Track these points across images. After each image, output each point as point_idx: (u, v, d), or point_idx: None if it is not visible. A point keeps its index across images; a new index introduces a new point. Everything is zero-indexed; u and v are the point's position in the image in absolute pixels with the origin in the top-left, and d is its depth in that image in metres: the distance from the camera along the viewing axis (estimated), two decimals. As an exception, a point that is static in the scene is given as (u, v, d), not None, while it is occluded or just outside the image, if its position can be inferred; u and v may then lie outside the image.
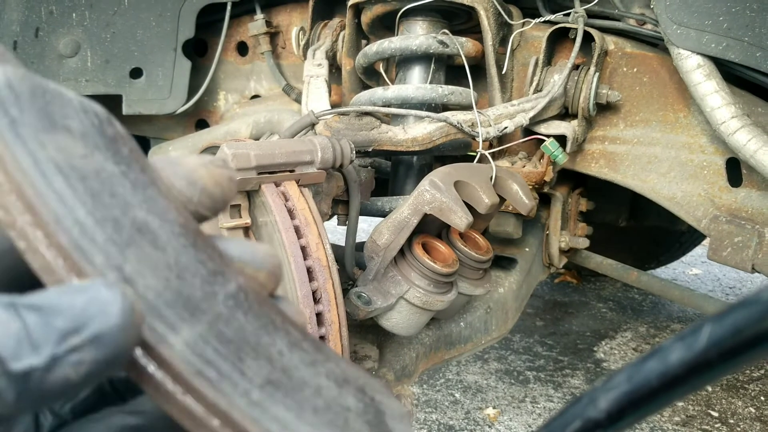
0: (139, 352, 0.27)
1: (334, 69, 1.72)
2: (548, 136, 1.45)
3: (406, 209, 1.09)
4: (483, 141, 1.32)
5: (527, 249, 1.65)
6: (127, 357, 0.26)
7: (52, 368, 0.24)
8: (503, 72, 1.54)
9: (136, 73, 1.86)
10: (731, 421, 2.27)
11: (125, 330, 0.25)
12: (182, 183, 0.34)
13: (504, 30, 1.53)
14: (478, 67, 1.54)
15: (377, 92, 1.45)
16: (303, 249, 0.96)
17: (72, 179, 0.28)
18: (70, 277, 0.27)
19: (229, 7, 1.82)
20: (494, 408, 2.34)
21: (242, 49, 1.99)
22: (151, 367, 0.27)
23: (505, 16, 1.49)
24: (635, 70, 1.48)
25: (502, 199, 1.21)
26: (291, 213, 0.98)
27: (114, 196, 0.30)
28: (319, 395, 0.33)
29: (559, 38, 1.53)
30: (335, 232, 3.83)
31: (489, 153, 1.30)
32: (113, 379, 0.34)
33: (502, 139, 1.45)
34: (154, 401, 0.28)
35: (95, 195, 0.29)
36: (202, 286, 0.31)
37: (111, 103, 1.89)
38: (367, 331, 1.26)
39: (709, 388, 2.47)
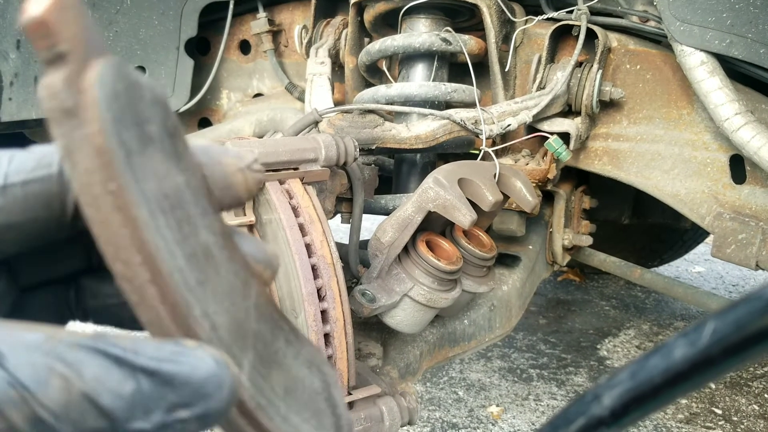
0: None
1: (337, 67, 1.72)
2: (551, 133, 1.45)
3: (409, 207, 1.09)
4: (486, 138, 1.33)
5: (531, 247, 1.65)
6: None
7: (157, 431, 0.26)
8: (506, 69, 1.54)
9: (138, 71, 1.86)
10: (735, 418, 2.27)
11: (230, 402, 0.27)
12: (219, 185, 0.34)
13: (507, 27, 1.53)
14: (481, 64, 1.54)
15: (380, 90, 1.45)
16: (307, 247, 0.96)
17: (168, 216, 0.28)
18: (179, 336, 0.27)
19: (231, 6, 1.82)
20: (498, 406, 2.34)
21: (245, 47, 1.99)
22: (233, 413, 0.29)
23: (508, 14, 1.49)
24: (638, 67, 1.48)
25: (506, 197, 1.21)
26: (295, 211, 0.98)
27: (189, 222, 0.29)
28: (304, 389, 0.36)
29: (562, 35, 1.52)
30: (339, 230, 3.83)
31: (492, 150, 1.30)
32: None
33: (505, 136, 1.45)
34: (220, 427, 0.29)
35: (180, 226, 0.29)
36: (242, 303, 0.31)
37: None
38: (371, 328, 1.27)
39: (713, 386, 2.47)
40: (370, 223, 3.65)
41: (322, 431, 0.35)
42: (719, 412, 2.31)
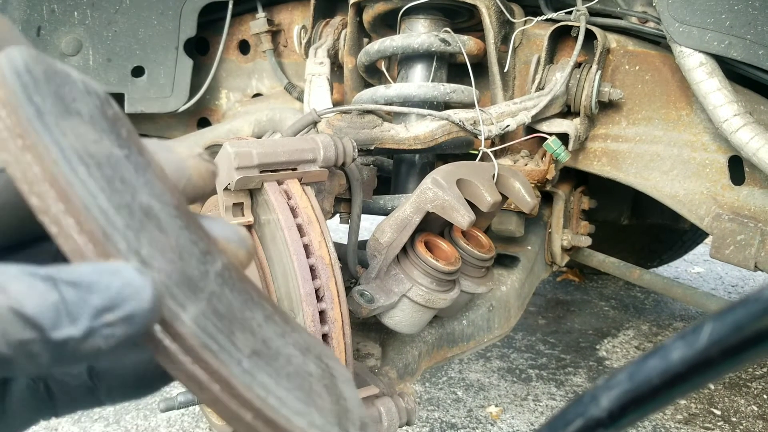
0: (157, 327, 0.30)
1: (336, 67, 1.72)
2: (550, 134, 1.45)
3: (408, 207, 1.09)
4: (485, 139, 1.32)
5: (529, 247, 1.65)
6: (143, 335, 0.29)
7: (87, 339, 0.27)
8: (505, 70, 1.54)
9: (138, 71, 1.86)
10: (734, 419, 2.27)
11: (153, 312, 0.29)
12: (172, 169, 0.37)
13: (506, 28, 1.53)
14: (480, 65, 1.54)
15: (379, 90, 1.45)
16: (306, 247, 0.96)
17: (91, 168, 0.30)
18: (99, 260, 0.29)
19: (230, 6, 1.82)
20: (496, 406, 2.34)
21: (244, 47, 1.99)
22: (167, 341, 0.30)
23: (507, 14, 1.49)
24: (637, 68, 1.48)
25: (505, 198, 1.21)
26: (294, 211, 0.98)
27: (123, 182, 0.32)
28: (289, 363, 0.37)
29: (561, 36, 1.52)
30: (337, 230, 3.83)
31: (491, 151, 1.30)
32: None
33: (504, 137, 1.45)
34: (164, 366, 0.31)
35: (110, 182, 0.31)
36: (198, 266, 0.34)
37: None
38: (369, 329, 1.26)
39: (712, 387, 2.47)
40: (368, 224, 3.65)
41: (313, 410, 0.36)
42: (718, 412, 2.31)
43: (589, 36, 1.44)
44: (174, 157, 0.37)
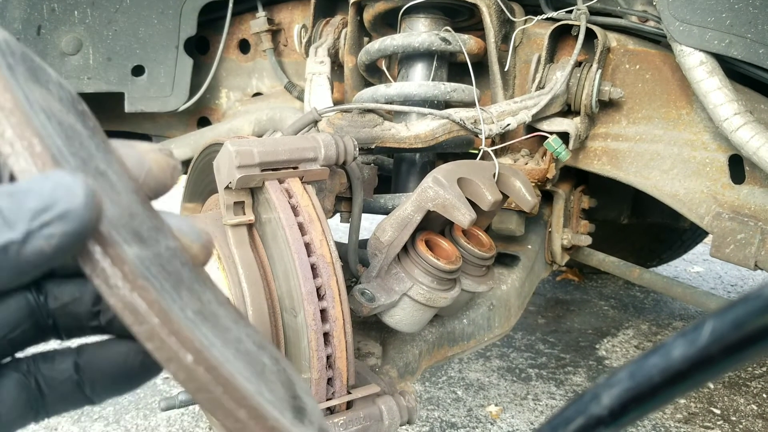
0: (97, 248, 0.31)
1: (337, 66, 1.72)
2: (551, 133, 1.45)
3: (409, 206, 1.09)
4: (486, 138, 1.33)
5: (530, 246, 1.65)
6: (89, 234, 0.30)
7: (28, 241, 0.28)
8: (506, 69, 1.54)
9: (138, 70, 1.86)
10: (733, 418, 2.28)
11: (89, 208, 0.29)
12: (132, 162, 0.38)
13: (506, 27, 1.53)
14: (481, 64, 1.54)
15: (380, 89, 1.45)
16: (307, 246, 0.96)
17: (53, 121, 0.33)
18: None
19: (230, 5, 1.82)
20: (496, 405, 2.34)
21: (244, 46, 1.99)
22: (106, 263, 0.31)
23: (508, 14, 1.49)
24: (638, 67, 1.48)
25: (505, 196, 1.21)
26: (295, 210, 0.98)
27: (82, 146, 0.34)
28: (240, 343, 0.37)
29: (562, 35, 1.53)
30: (338, 229, 3.83)
31: (492, 150, 1.30)
32: (55, 317, 0.38)
33: (504, 136, 1.45)
34: (101, 293, 0.31)
35: (69, 138, 0.34)
36: (149, 231, 0.35)
37: (113, 101, 1.90)
38: (370, 327, 1.27)
39: (711, 386, 2.47)
40: (369, 223, 3.65)
41: (263, 386, 0.35)
42: (718, 411, 2.32)
43: (590, 35, 1.44)
44: (134, 151, 0.39)
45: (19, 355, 0.37)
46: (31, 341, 0.37)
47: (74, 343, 0.39)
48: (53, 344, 0.38)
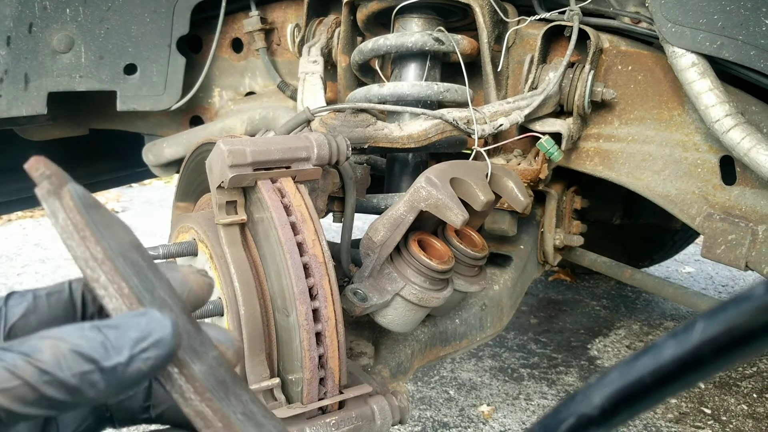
0: (174, 369, 0.41)
1: (330, 66, 1.72)
2: (543, 133, 1.46)
3: (401, 206, 1.09)
4: (478, 138, 1.33)
5: (522, 246, 1.66)
6: (172, 358, 0.40)
7: (130, 364, 0.38)
8: (499, 69, 1.54)
9: (130, 69, 1.85)
10: (724, 418, 2.29)
11: (175, 337, 0.39)
12: (177, 283, 0.48)
13: (499, 27, 1.53)
14: (474, 64, 1.54)
15: (373, 89, 1.45)
16: (299, 245, 0.96)
17: (126, 260, 0.44)
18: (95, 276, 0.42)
19: (224, 4, 1.82)
20: (488, 405, 2.35)
21: (237, 45, 1.98)
22: (182, 380, 0.41)
23: (501, 14, 1.49)
24: (630, 68, 1.48)
25: (498, 197, 1.21)
26: (287, 209, 0.98)
27: (147, 278, 0.44)
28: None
29: (555, 36, 1.53)
30: (330, 229, 3.82)
31: (484, 150, 1.30)
32: (112, 411, 0.49)
33: (497, 136, 1.45)
34: (178, 403, 0.41)
35: (138, 273, 0.44)
36: (201, 346, 0.45)
37: (105, 99, 1.89)
38: (363, 327, 1.27)
39: (702, 386, 2.49)
40: (362, 222, 3.64)
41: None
42: (708, 411, 2.33)
43: (582, 36, 1.45)
44: (178, 274, 0.49)
45: None
46: (92, 431, 0.48)
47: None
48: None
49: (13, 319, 0.44)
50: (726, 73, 1.33)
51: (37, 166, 0.44)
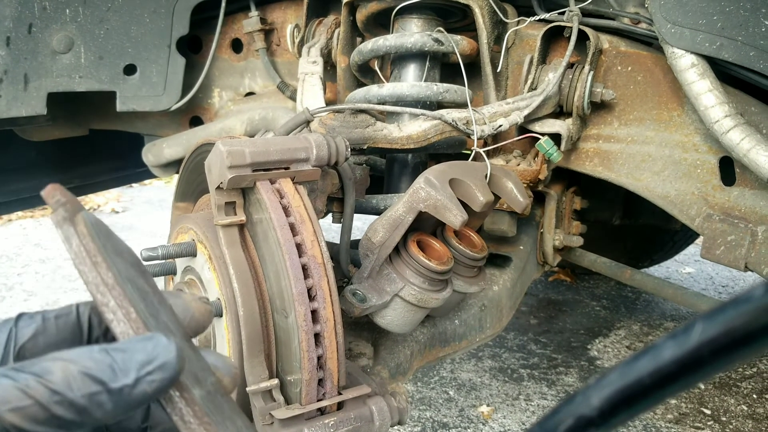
0: (176, 393, 0.43)
1: (329, 66, 1.72)
2: (543, 134, 1.46)
3: (401, 207, 1.09)
4: (478, 139, 1.33)
5: (522, 247, 1.66)
6: (175, 381, 0.42)
7: (136, 386, 0.40)
8: (498, 70, 1.54)
9: (130, 69, 1.85)
10: (723, 418, 2.29)
11: (179, 362, 0.42)
12: (179, 310, 0.51)
13: (499, 28, 1.53)
14: (473, 65, 1.54)
15: (372, 90, 1.45)
16: (298, 246, 0.96)
17: (134, 286, 0.47)
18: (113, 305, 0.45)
19: (223, 4, 1.82)
20: (488, 406, 2.34)
21: (237, 46, 1.98)
22: (182, 404, 0.43)
23: (500, 15, 1.49)
24: (629, 68, 1.48)
25: (497, 197, 1.21)
26: (286, 210, 0.98)
27: (151, 303, 0.47)
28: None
29: (554, 37, 1.53)
30: (330, 229, 3.82)
31: (484, 151, 1.30)
32: (110, 429, 0.51)
33: (496, 137, 1.45)
34: (177, 426, 0.44)
35: (143, 298, 0.47)
36: (200, 371, 0.47)
37: (104, 99, 1.89)
38: (362, 328, 1.26)
39: (702, 386, 2.48)
40: (361, 223, 3.64)
41: None
42: (708, 412, 2.33)
43: (582, 37, 1.45)
44: (181, 301, 0.52)
45: None
46: None
47: None
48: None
49: (22, 340, 0.46)
50: (725, 73, 1.33)
51: (53, 194, 0.47)
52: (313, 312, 0.95)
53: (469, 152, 1.37)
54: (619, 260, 1.93)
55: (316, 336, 0.95)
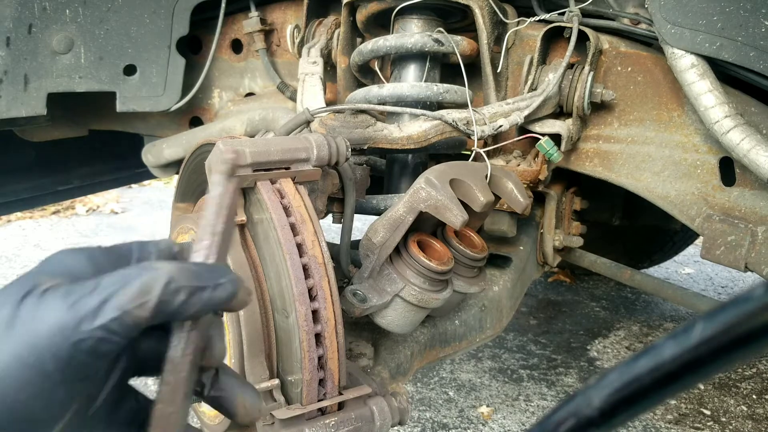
0: (192, 332, 0.55)
1: (329, 67, 1.72)
2: (543, 134, 1.46)
3: (401, 207, 1.09)
4: (478, 139, 1.33)
5: (522, 247, 1.66)
6: (234, 297, 0.55)
7: (216, 290, 0.54)
8: (498, 71, 1.54)
9: (129, 70, 1.85)
10: (723, 419, 2.29)
11: (240, 285, 0.56)
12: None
13: (499, 29, 1.53)
14: (474, 65, 1.54)
15: (372, 90, 1.45)
16: (299, 246, 0.96)
17: (224, 244, 0.59)
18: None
19: (223, 4, 1.82)
20: (488, 406, 2.34)
21: (237, 46, 1.98)
22: (184, 343, 0.55)
23: (500, 15, 1.49)
24: (629, 69, 1.48)
25: (497, 198, 1.21)
26: (287, 210, 0.98)
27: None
28: None
29: (554, 37, 1.53)
30: (330, 229, 3.82)
31: (484, 151, 1.30)
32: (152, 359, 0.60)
33: (497, 137, 1.45)
34: (166, 359, 0.55)
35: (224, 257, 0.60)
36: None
37: (104, 100, 1.89)
38: (362, 328, 1.26)
39: (702, 387, 2.48)
40: (361, 224, 3.64)
41: None
42: (708, 412, 2.33)
43: (582, 37, 1.45)
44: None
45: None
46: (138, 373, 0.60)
47: None
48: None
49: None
50: (725, 74, 1.33)
51: (231, 151, 0.61)
52: (314, 312, 0.95)
53: (469, 152, 1.37)
54: (619, 261, 1.93)
55: (317, 336, 0.95)
